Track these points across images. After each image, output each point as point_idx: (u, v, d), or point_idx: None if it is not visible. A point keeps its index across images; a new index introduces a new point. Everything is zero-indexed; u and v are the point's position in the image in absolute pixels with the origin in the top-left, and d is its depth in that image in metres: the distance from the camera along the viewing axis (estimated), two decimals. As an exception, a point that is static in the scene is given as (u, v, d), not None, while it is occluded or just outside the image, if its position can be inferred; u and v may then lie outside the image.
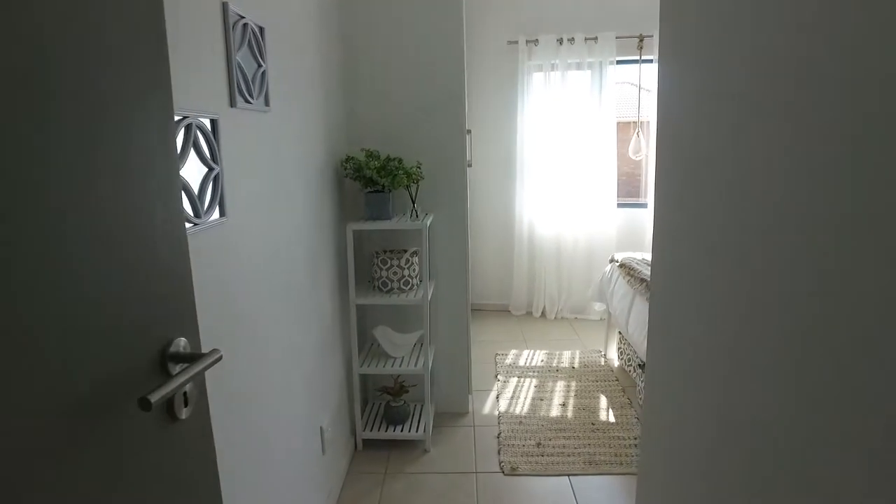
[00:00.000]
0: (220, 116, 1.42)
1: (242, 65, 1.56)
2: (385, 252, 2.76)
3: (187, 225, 1.07)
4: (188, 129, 1.27)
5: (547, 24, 4.44)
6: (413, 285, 2.75)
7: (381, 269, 2.70)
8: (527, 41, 4.45)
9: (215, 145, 1.40)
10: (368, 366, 2.76)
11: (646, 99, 4.51)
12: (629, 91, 4.69)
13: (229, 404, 1.45)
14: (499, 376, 3.64)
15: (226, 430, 1.40)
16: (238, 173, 1.53)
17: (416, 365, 2.75)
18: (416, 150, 2.84)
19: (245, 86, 1.57)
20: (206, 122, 1.37)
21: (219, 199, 1.41)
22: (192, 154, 1.30)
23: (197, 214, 1.30)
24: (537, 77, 4.58)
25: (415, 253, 2.75)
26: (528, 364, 3.82)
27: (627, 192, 5.54)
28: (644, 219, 4.69)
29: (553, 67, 4.48)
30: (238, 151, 1.54)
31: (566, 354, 3.96)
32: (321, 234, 2.37)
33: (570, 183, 4.62)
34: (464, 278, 3.00)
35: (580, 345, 4.18)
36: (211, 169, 1.38)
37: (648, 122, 4.55)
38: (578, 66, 4.48)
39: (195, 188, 1.31)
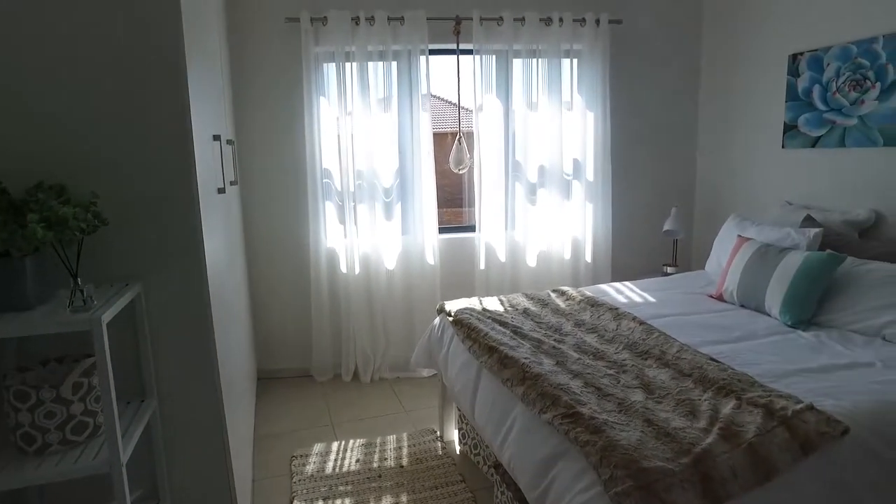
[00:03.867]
0: None
1: None
2: (25, 372, 1.42)
3: None
4: None
5: (337, -4, 3.35)
6: (89, 432, 1.45)
7: (17, 410, 1.36)
8: (312, 19, 3.31)
9: None
10: None
11: (468, 98, 3.65)
12: (447, 85, 3.79)
13: None
14: (296, 501, 2.43)
15: None
16: None
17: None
18: (91, 172, 1.55)
19: None
20: None
21: None
22: None
23: None
24: (329, 69, 3.47)
25: (92, 368, 1.45)
26: (338, 469, 2.67)
27: (451, 212, 4.66)
28: (473, 247, 3.82)
29: (348, 56, 3.40)
30: None
31: (391, 442, 2.89)
32: None
33: (379, 205, 3.58)
34: (212, 385, 1.75)
35: (408, 421, 3.13)
36: None
37: (472, 125, 3.68)
38: (381, 56, 3.45)
39: None
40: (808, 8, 3.23)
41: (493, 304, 2.87)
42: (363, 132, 3.47)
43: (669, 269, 3.85)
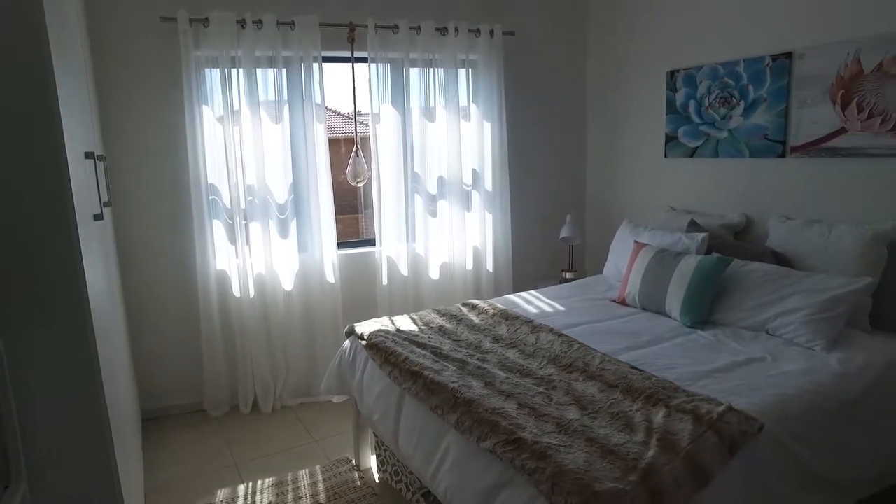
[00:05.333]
0: None
1: None
2: None
3: None
4: None
5: (219, -4, 3.07)
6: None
7: None
8: (191, 19, 3.01)
9: None
10: None
11: (364, 106, 3.52)
12: (342, 96, 3.63)
13: None
14: (199, 561, 2.16)
15: None
16: None
17: None
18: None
19: None
20: None
21: None
22: None
23: None
24: (213, 76, 3.17)
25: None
26: (246, 517, 2.42)
27: (347, 219, 4.49)
28: (374, 262, 3.69)
29: (234, 62, 3.13)
30: None
31: (304, 478, 2.67)
32: None
33: (273, 222, 3.34)
34: (104, 458, 1.47)
35: (319, 452, 2.93)
36: None
37: (369, 136, 3.55)
38: (271, 62, 3.22)
39: None
40: (683, 30, 3.49)
41: (406, 323, 2.77)
42: (253, 144, 3.21)
43: (568, 275, 3.97)
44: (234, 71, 3.13)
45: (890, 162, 2.62)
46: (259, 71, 3.19)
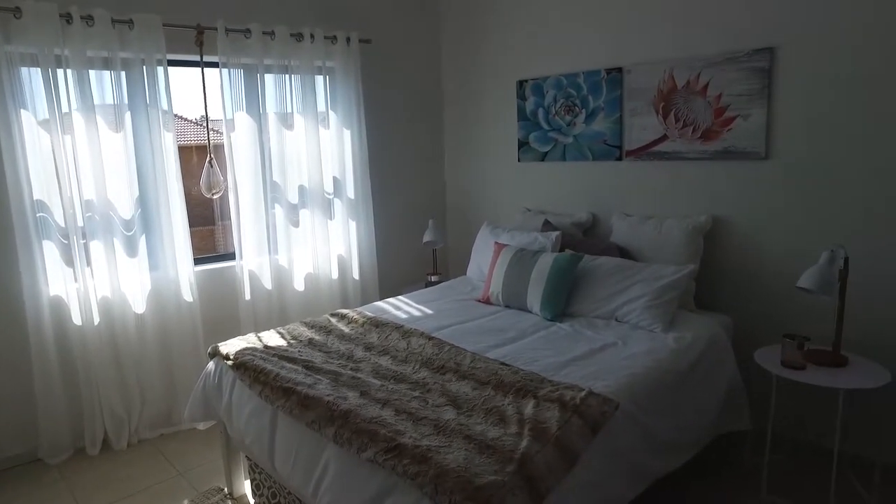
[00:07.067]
0: None
1: None
2: None
3: None
4: None
5: (37, -10, 2.73)
6: None
7: None
8: (2, 8, 2.64)
9: None
10: None
11: (217, 113, 3.32)
12: (192, 102, 3.40)
13: None
14: None
15: None
16: None
17: None
18: None
19: None
20: None
21: None
22: None
23: None
24: (33, 76, 2.81)
25: None
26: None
27: (203, 231, 4.21)
28: (235, 276, 3.50)
29: (61, 62, 2.80)
30: None
31: (166, 516, 2.47)
32: None
33: (118, 240, 3.04)
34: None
35: (186, 485, 2.72)
36: None
37: (223, 145, 3.37)
38: (107, 64, 2.93)
39: None
40: (530, 42, 3.73)
41: (273, 339, 2.67)
42: (89, 154, 2.90)
43: (433, 278, 4.07)
44: (60, 72, 2.80)
45: (701, 164, 3.03)
46: (93, 73, 2.89)
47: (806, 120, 2.67)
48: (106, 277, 3.00)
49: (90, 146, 2.89)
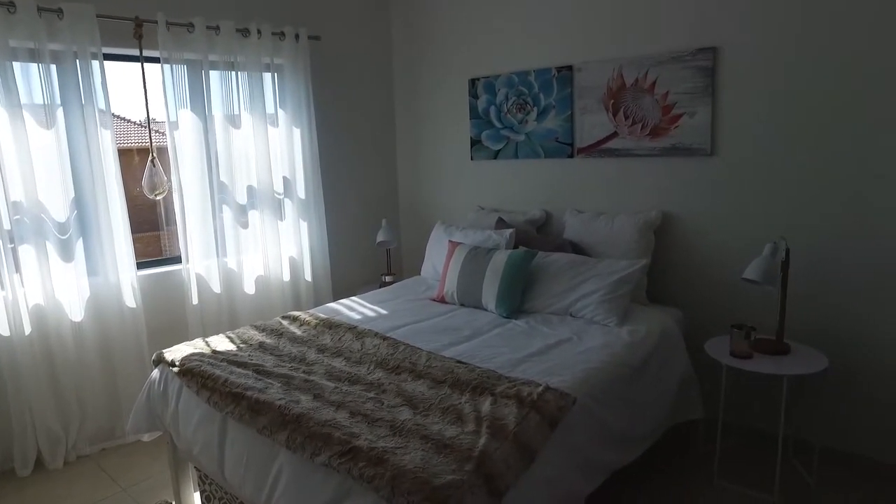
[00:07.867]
0: None
1: None
2: None
3: None
4: None
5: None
6: None
7: None
8: (-88, 1, 2.46)
9: None
10: None
11: (159, 112, 3.18)
12: (133, 100, 3.24)
13: None
14: None
15: None
16: None
17: None
18: None
19: None
20: None
21: None
22: None
23: None
24: (-49, 70, 2.62)
25: None
26: None
27: (147, 238, 4.02)
28: (182, 280, 3.36)
29: (-18, 55, 2.62)
30: None
31: (109, 534, 2.34)
32: None
33: (52, 244, 2.87)
34: None
35: (131, 501, 2.58)
36: None
37: (166, 145, 3.23)
38: (34, 56, 2.76)
39: None
40: (480, 40, 3.73)
41: (222, 343, 2.57)
42: (16, 153, 2.72)
43: (387, 278, 4.02)
44: (-18, 66, 2.62)
45: (650, 161, 3.09)
46: (17, 65, 2.71)
47: (748, 118, 2.76)
48: (38, 284, 2.83)
49: (17, 145, 2.71)
